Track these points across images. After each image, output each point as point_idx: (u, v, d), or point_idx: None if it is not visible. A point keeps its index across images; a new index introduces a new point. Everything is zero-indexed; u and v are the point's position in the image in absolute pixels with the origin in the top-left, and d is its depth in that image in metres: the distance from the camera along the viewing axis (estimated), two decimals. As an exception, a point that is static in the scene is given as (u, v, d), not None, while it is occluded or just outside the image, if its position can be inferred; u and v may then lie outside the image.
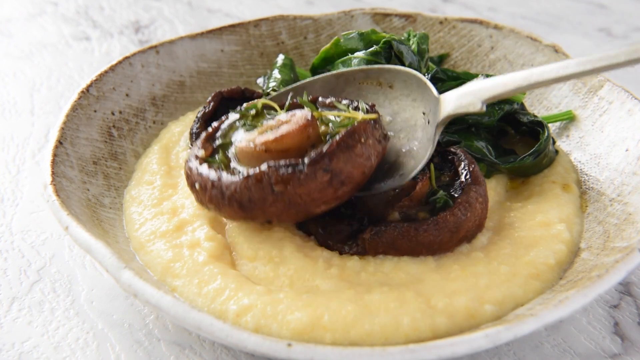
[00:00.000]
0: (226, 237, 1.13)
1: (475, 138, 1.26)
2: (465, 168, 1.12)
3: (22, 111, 1.65)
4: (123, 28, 2.08)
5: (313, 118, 1.07)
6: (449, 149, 1.17)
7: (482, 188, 1.10)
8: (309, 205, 1.01)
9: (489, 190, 1.18)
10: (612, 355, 1.03)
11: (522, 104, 1.33)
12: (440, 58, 1.53)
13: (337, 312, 0.95)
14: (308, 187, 0.99)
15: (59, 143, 1.20)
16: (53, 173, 1.13)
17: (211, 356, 1.03)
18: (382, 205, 1.12)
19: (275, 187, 0.99)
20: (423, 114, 1.17)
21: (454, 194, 1.10)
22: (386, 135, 1.09)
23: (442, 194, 1.09)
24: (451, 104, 1.12)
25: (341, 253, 1.09)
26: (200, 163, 1.08)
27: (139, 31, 2.07)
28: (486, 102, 1.10)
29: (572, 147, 1.30)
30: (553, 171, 1.25)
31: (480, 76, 1.13)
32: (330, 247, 1.10)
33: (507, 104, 1.29)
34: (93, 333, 1.07)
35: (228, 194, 1.02)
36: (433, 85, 1.23)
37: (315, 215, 1.05)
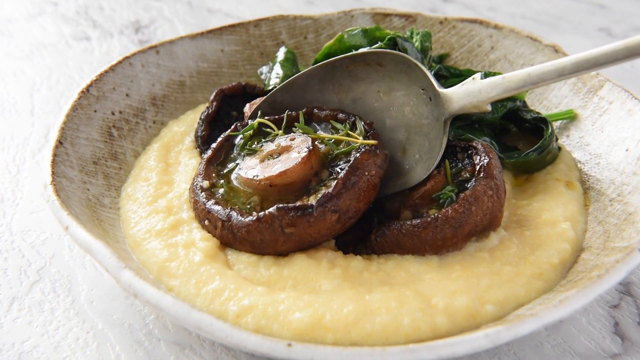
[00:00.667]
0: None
1: (479, 134, 1.26)
2: (480, 162, 1.10)
3: (22, 111, 1.65)
4: (123, 28, 2.08)
5: (314, 145, 1.09)
6: (470, 143, 1.14)
7: (494, 182, 1.07)
8: (319, 239, 1.06)
9: None
10: (612, 355, 1.03)
11: (524, 102, 1.33)
12: (440, 58, 1.53)
13: (339, 312, 0.95)
14: (318, 227, 1.03)
15: (59, 143, 1.20)
16: (53, 173, 1.13)
17: (211, 356, 1.03)
18: (396, 204, 1.12)
19: (286, 230, 1.03)
20: (422, 90, 1.16)
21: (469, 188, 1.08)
22: (387, 155, 1.11)
23: (448, 190, 1.08)
24: (459, 103, 1.12)
25: (345, 253, 1.09)
26: (207, 198, 1.11)
27: (139, 31, 2.07)
28: (492, 101, 1.11)
29: (572, 147, 1.30)
30: (556, 168, 1.25)
31: (478, 74, 1.12)
32: (342, 249, 1.11)
33: (510, 102, 1.29)
34: (93, 333, 1.07)
35: (239, 236, 1.06)
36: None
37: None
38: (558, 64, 1.07)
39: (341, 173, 1.04)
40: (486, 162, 1.09)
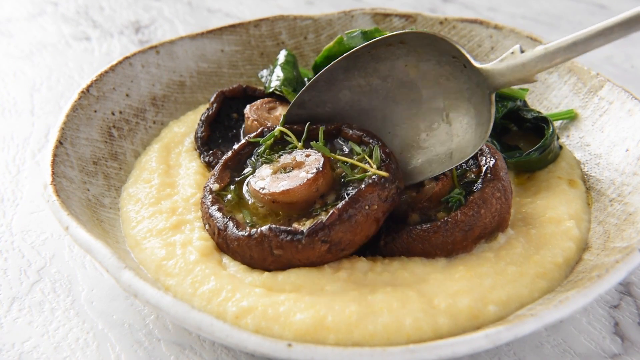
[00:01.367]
0: None
1: (480, 134, 1.26)
2: (486, 163, 1.09)
3: (22, 111, 1.65)
4: (123, 28, 2.08)
5: (326, 166, 1.07)
6: None
7: (501, 183, 1.07)
8: (309, 265, 1.03)
9: None
10: (612, 355, 1.03)
11: (525, 101, 1.33)
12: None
13: (341, 313, 0.95)
14: (306, 254, 1.01)
15: (59, 143, 1.20)
16: (53, 173, 1.13)
17: (211, 356, 1.03)
18: (403, 207, 1.11)
19: (274, 251, 1.01)
20: (454, 58, 1.11)
21: (476, 191, 1.07)
22: (399, 188, 1.05)
23: (456, 193, 1.07)
24: (502, 78, 1.06)
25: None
26: (212, 202, 1.11)
27: (139, 31, 2.07)
28: (538, 73, 1.05)
29: (573, 147, 1.30)
30: (557, 167, 1.25)
31: (516, 46, 1.09)
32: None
33: (510, 101, 1.29)
34: (93, 333, 1.07)
35: (231, 247, 1.06)
36: None
37: None
38: (604, 26, 0.97)
39: (340, 203, 1.01)
40: (492, 164, 1.08)
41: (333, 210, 1.00)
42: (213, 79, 1.52)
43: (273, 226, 1.01)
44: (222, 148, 1.32)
